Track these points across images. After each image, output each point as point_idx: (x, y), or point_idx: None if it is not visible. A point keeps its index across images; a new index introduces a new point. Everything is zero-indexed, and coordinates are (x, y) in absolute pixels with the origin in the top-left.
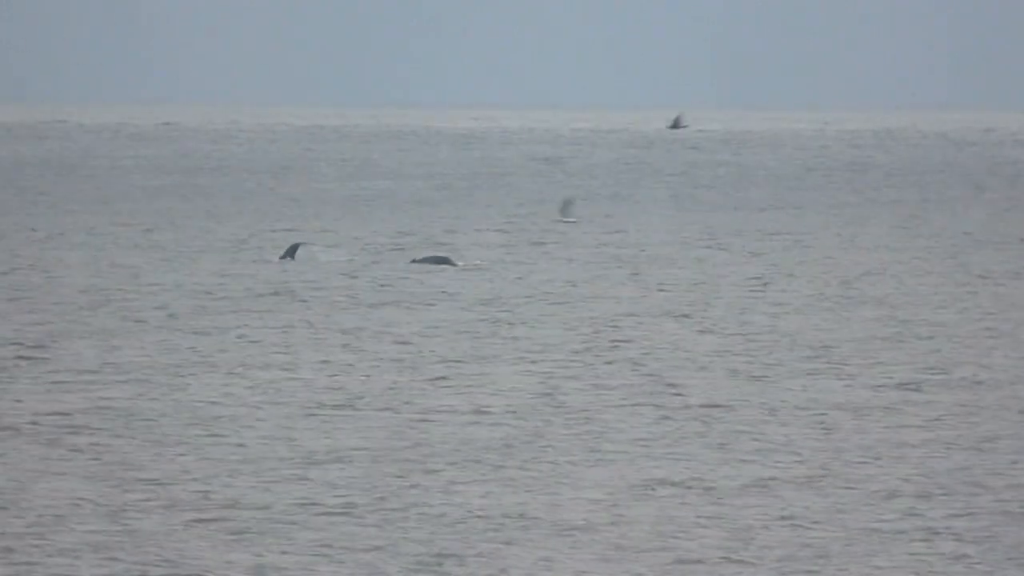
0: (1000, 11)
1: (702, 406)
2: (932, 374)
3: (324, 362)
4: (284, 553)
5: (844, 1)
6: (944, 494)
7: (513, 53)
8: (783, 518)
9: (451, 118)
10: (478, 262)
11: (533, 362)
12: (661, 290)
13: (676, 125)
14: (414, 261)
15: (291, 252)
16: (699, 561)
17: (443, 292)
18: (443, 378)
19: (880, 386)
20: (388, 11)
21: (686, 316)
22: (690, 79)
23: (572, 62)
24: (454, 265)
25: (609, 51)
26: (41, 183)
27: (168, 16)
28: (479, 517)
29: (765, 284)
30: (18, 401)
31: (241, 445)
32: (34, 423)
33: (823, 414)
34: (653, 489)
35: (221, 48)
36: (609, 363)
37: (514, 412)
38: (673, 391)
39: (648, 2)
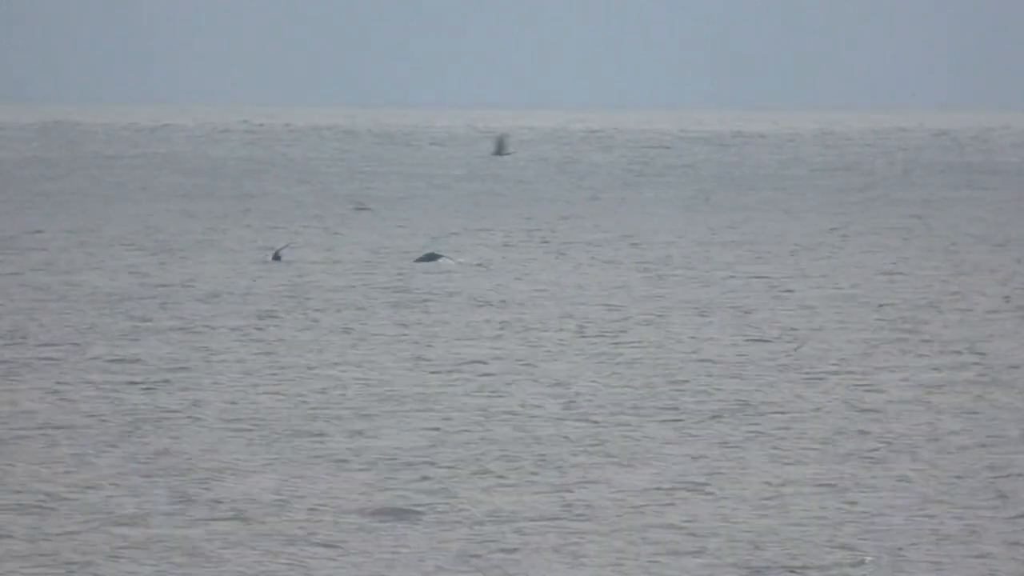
0: (1000, 11)
1: (716, 408)
2: (943, 374)
3: (336, 363)
4: (306, 556)
5: (844, 1)
6: (959, 494)
7: (513, 53)
8: (799, 523)
9: (451, 118)
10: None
11: (549, 362)
12: (672, 291)
13: (500, 150)
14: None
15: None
16: (734, 565)
17: (454, 293)
18: (458, 380)
19: (892, 387)
20: (388, 11)
21: (698, 317)
22: (690, 79)
23: (572, 62)
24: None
25: (609, 51)
26: (43, 183)
27: (168, 16)
28: (500, 519)
29: (773, 286)
30: (32, 402)
31: (258, 446)
32: (49, 425)
33: (832, 414)
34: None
35: (221, 48)
36: (622, 364)
37: (535, 414)
38: (688, 392)
39: (648, 2)
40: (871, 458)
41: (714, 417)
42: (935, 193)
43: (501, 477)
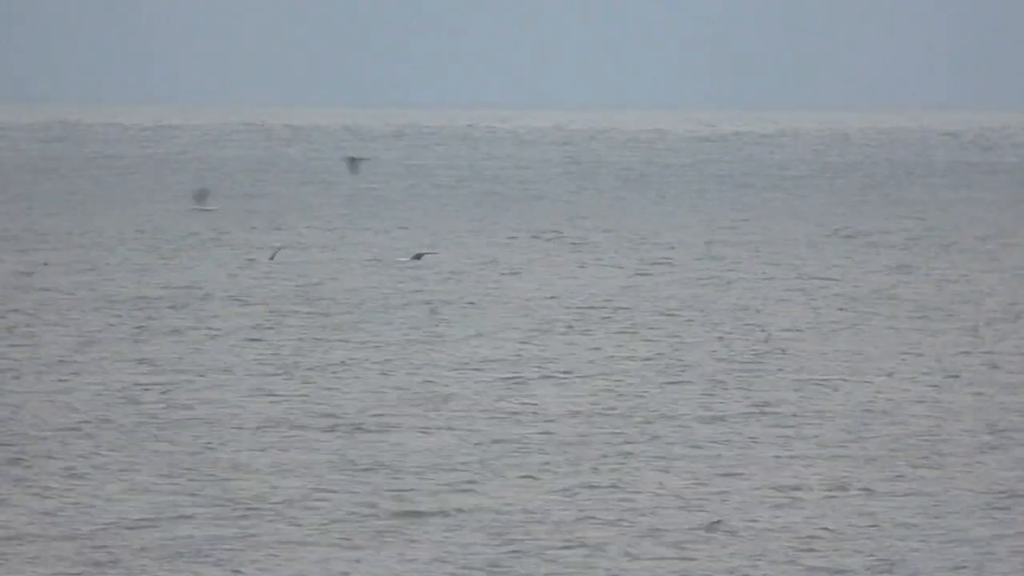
0: (1000, 11)
1: (729, 409)
2: (953, 376)
3: (346, 364)
4: (318, 558)
5: (844, 1)
6: (970, 496)
7: (513, 53)
8: (810, 526)
9: (450, 118)
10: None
11: (559, 363)
12: (679, 291)
13: (353, 165)
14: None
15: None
16: (747, 567)
17: (462, 293)
18: (470, 380)
19: (903, 389)
20: (388, 11)
21: (706, 318)
22: (690, 79)
23: (572, 62)
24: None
25: (609, 51)
26: (45, 183)
27: (168, 16)
28: (514, 520)
29: (780, 286)
30: (41, 404)
31: (270, 447)
32: (59, 427)
33: (843, 416)
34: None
35: (221, 48)
36: (633, 365)
37: (547, 414)
38: (701, 394)
39: (648, 2)
40: (882, 459)
41: (726, 418)
42: (937, 193)
43: (515, 478)
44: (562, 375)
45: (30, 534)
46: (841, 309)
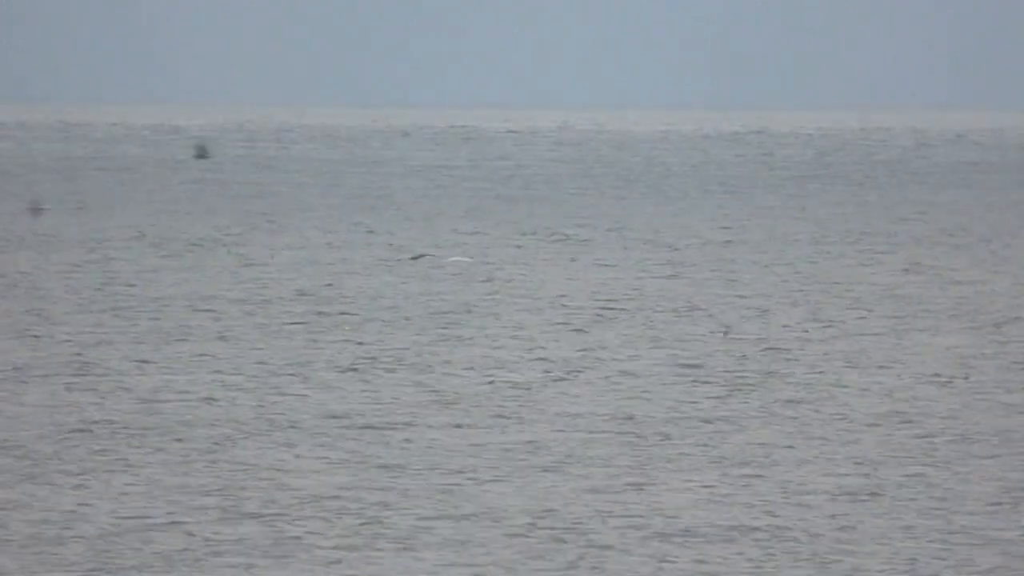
0: (1000, 11)
1: (741, 411)
2: (968, 380)
3: (357, 367)
4: (332, 561)
5: (844, 1)
6: (984, 499)
7: (513, 53)
8: (819, 531)
9: (450, 118)
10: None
11: (570, 365)
12: (685, 290)
13: (202, 154)
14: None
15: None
16: (754, 573)
17: (467, 297)
18: (485, 384)
19: (918, 390)
20: (388, 11)
21: (716, 322)
22: (690, 79)
23: (572, 62)
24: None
25: (609, 51)
26: (46, 184)
27: (168, 16)
28: (551, 523)
29: (790, 288)
30: (49, 407)
31: (282, 450)
32: (70, 429)
33: (855, 419)
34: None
35: (221, 48)
36: (645, 367)
37: (561, 415)
38: (713, 396)
39: (648, 2)
40: (892, 460)
41: (735, 419)
42: (938, 193)
43: (524, 480)
44: (570, 376)
45: (38, 536)
46: (847, 309)
